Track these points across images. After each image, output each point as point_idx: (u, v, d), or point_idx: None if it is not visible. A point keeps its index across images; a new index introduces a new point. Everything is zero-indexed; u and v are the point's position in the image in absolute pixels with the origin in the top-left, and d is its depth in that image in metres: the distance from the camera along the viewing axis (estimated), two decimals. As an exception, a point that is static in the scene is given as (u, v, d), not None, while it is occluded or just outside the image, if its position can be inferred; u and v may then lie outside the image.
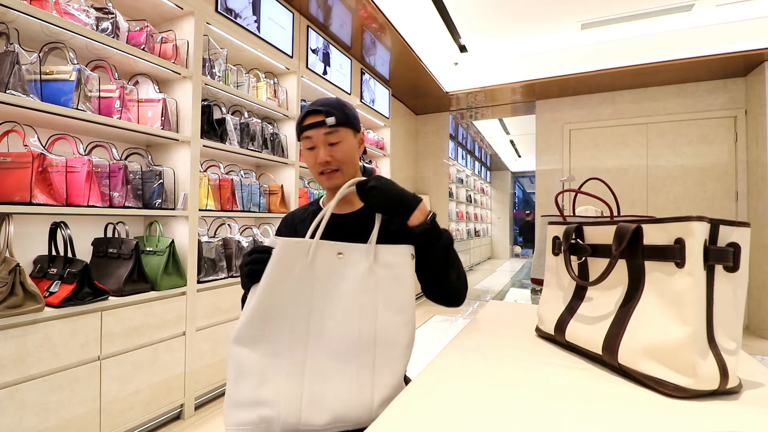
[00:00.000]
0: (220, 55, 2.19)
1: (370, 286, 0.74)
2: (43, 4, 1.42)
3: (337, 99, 0.95)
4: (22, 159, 1.35)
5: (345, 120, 0.92)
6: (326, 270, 0.73)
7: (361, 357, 0.71)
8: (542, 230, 1.09)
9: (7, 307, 1.24)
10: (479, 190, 9.63)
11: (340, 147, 0.92)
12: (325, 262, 0.73)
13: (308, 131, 0.91)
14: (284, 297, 0.71)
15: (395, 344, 0.73)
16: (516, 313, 1.02)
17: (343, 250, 0.75)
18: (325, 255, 0.73)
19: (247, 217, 2.54)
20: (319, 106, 0.90)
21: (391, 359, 0.73)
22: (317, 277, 0.72)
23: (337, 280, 0.74)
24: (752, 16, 3.24)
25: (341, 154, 0.92)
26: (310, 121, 0.90)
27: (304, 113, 0.92)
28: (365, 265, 0.75)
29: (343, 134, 0.92)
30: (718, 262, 0.52)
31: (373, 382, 0.71)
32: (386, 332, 0.73)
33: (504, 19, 3.40)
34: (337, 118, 0.90)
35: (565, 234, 0.72)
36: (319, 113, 0.90)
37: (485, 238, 10.07)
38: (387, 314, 0.74)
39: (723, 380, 0.51)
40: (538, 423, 0.46)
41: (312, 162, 0.93)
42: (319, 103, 0.91)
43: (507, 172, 11.58)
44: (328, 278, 0.73)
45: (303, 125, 0.92)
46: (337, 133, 0.91)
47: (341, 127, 0.91)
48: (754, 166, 3.59)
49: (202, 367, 1.95)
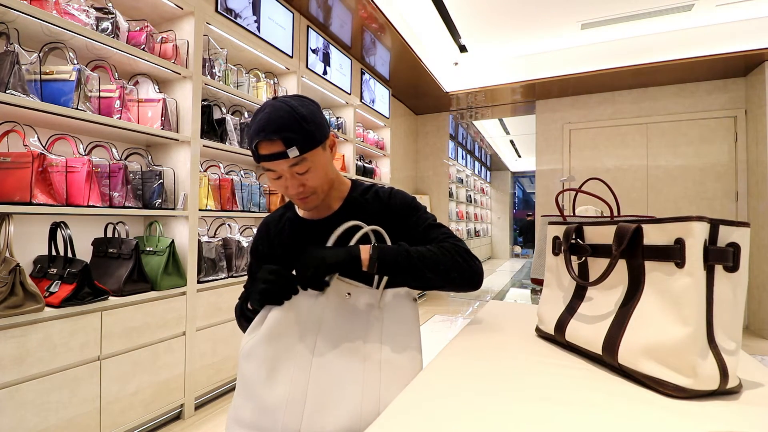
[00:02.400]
0: (220, 55, 2.19)
1: (376, 323, 0.76)
2: (43, 4, 1.42)
3: (291, 113, 0.74)
4: (22, 159, 1.35)
5: (309, 141, 0.75)
6: (334, 306, 0.75)
7: (366, 378, 0.71)
8: (542, 230, 1.09)
9: (7, 307, 1.24)
10: (479, 190, 9.63)
11: (311, 172, 0.78)
12: (334, 299, 0.75)
13: (268, 163, 0.75)
14: (292, 327, 0.73)
15: (401, 378, 0.72)
16: (516, 313, 1.02)
17: (351, 291, 0.76)
18: (334, 292, 0.75)
19: (247, 217, 2.54)
20: (273, 134, 0.72)
21: (397, 380, 0.72)
22: (325, 312, 0.74)
23: (344, 316, 0.75)
24: (752, 16, 3.24)
25: (314, 181, 0.79)
26: (266, 152, 0.74)
27: (256, 140, 0.74)
28: (372, 306, 0.76)
29: (310, 159, 0.77)
30: (718, 262, 0.52)
31: (379, 397, 0.70)
32: (391, 366, 0.74)
33: (504, 19, 3.40)
34: (299, 146, 0.73)
35: (565, 234, 0.72)
36: (274, 142, 0.73)
37: (485, 238, 10.07)
38: (392, 351, 0.75)
39: (723, 380, 0.51)
40: (538, 423, 0.46)
41: (281, 190, 0.81)
42: (271, 127, 0.72)
43: (507, 172, 11.58)
44: (336, 314, 0.75)
45: (261, 154, 0.75)
46: (304, 162, 0.76)
47: (307, 153, 0.76)
48: (754, 166, 3.59)
49: (202, 367, 1.95)
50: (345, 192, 0.92)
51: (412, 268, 0.75)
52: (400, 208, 0.89)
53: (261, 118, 0.75)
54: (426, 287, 0.79)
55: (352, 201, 0.90)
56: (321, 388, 0.69)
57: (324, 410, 0.68)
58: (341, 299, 0.75)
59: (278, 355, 0.71)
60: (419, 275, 0.76)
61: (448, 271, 0.77)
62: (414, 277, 0.76)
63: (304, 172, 0.78)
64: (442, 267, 0.77)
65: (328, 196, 0.88)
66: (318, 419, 0.67)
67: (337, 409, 0.68)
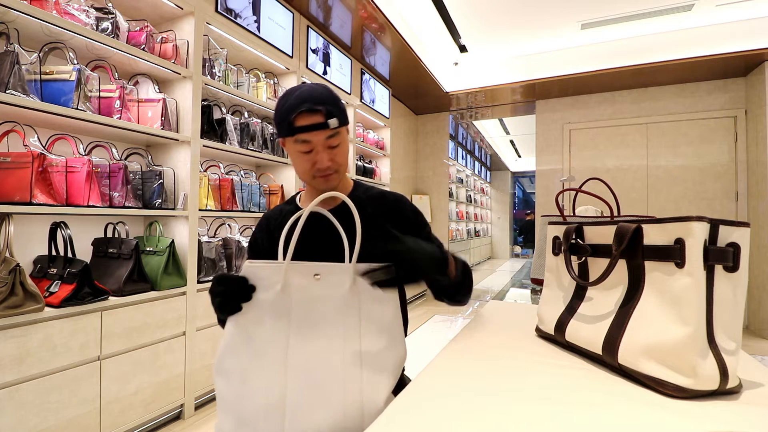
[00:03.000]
0: (220, 55, 2.19)
1: (353, 307, 0.67)
2: (43, 4, 1.42)
3: (330, 91, 0.81)
4: (22, 159, 1.35)
5: (343, 117, 0.81)
6: (303, 294, 0.66)
7: (347, 374, 0.65)
8: (542, 230, 1.09)
9: (7, 307, 1.24)
10: (479, 190, 9.63)
11: (340, 149, 0.83)
12: (300, 285, 0.66)
13: (305, 134, 0.78)
14: (258, 328, 0.65)
15: (383, 369, 0.67)
16: (516, 313, 1.02)
17: (319, 271, 0.66)
18: (300, 278, 0.66)
19: (247, 217, 2.54)
20: (317, 105, 0.76)
21: (379, 384, 0.66)
22: (293, 303, 0.66)
23: (315, 304, 0.67)
24: (752, 16, 3.24)
25: (341, 156, 0.84)
26: (308, 123, 0.77)
27: (296, 111, 0.76)
28: (345, 285, 0.67)
29: (342, 135, 0.83)
30: (718, 262, 0.52)
31: (362, 411, 0.64)
32: (372, 356, 0.67)
33: (504, 20, 3.40)
34: (339, 119, 0.79)
35: (566, 234, 0.72)
36: (317, 113, 0.77)
37: (485, 238, 10.07)
38: (372, 337, 0.68)
39: (723, 380, 0.51)
40: (538, 423, 0.46)
41: (307, 166, 0.82)
42: (314, 99, 0.77)
43: (507, 172, 11.58)
44: (306, 303, 0.66)
45: (297, 125, 0.77)
46: (338, 135, 0.81)
47: (342, 127, 0.81)
48: (754, 166, 3.59)
49: (202, 367, 1.95)
50: (348, 189, 0.94)
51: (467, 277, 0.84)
52: (413, 216, 0.93)
53: (301, 92, 0.79)
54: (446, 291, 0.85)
55: (355, 198, 0.89)
56: (300, 392, 0.64)
57: (305, 413, 0.63)
58: (309, 284, 0.66)
59: (248, 364, 0.65)
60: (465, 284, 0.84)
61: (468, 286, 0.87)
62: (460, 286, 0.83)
63: (336, 146, 0.82)
64: (467, 282, 0.86)
65: (336, 188, 0.90)
66: (299, 424, 0.63)
67: (318, 411, 0.63)
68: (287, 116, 0.78)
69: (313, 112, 0.77)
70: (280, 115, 0.81)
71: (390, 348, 0.69)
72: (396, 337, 0.70)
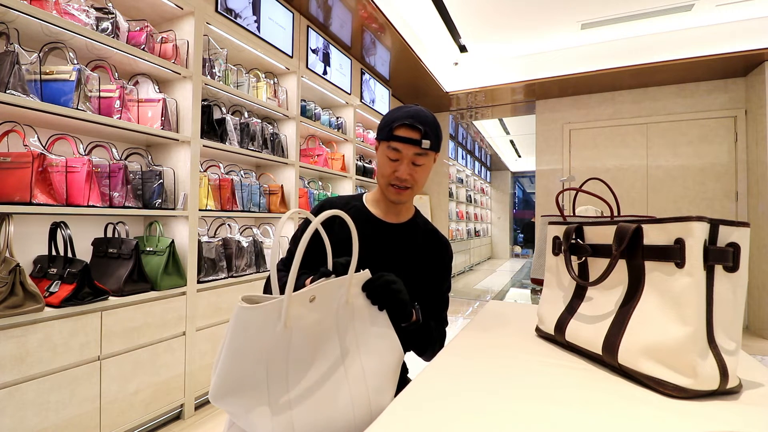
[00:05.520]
0: (220, 55, 2.19)
1: (347, 318, 0.67)
2: (43, 4, 1.42)
3: (434, 119, 0.92)
4: (22, 159, 1.35)
5: (436, 145, 0.91)
6: (300, 322, 0.62)
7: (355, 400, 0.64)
8: (542, 230, 1.09)
9: (7, 307, 1.24)
10: (479, 190, 9.63)
11: (422, 169, 0.92)
12: (298, 315, 0.61)
13: (399, 144, 0.88)
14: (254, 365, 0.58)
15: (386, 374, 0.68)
16: (516, 313, 1.02)
17: (315, 294, 0.63)
18: (297, 308, 0.61)
19: (247, 217, 2.54)
20: (418, 124, 0.87)
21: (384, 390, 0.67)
22: (292, 333, 0.61)
23: (312, 329, 0.63)
24: (752, 16, 3.25)
25: (421, 176, 0.92)
26: (404, 135, 0.88)
27: (401, 122, 0.88)
28: (341, 299, 0.67)
29: (429, 158, 0.92)
30: (718, 263, 0.52)
31: (369, 403, 0.65)
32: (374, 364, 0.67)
33: (504, 19, 3.40)
34: (431, 143, 0.89)
35: (566, 234, 0.72)
36: (416, 130, 0.87)
37: (485, 238, 10.07)
38: (370, 346, 0.68)
39: (723, 380, 0.51)
40: (537, 423, 0.46)
41: (388, 172, 0.91)
42: (418, 118, 0.88)
43: (507, 172, 11.58)
44: (304, 330, 0.62)
45: (395, 134, 0.88)
46: (426, 156, 0.91)
47: (431, 152, 0.91)
48: (754, 166, 3.59)
49: (202, 367, 1.95)
50: (411, 213, 1.04)
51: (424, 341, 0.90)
52: (445, 259, 1.03)
53: (410, 109, 0.90)
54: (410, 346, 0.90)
55: (415, 224, 1.02)
56: (306, 417, 0.60)
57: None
58: (305, 310, 0.62)
59: (249, 400, 0.58)
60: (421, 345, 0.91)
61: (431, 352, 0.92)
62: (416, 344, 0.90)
63: (420, 165, 0.91)
64: (429, 349, 0.92)
65: (402, 205, 0.99)
66: None
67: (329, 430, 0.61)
68: (391, 123, 0.89)
69: (413, 128, 0.87)
70: (385, 121, 0.92)
71: (387, 350, 0.70)
72: (391, 337, 0.72)
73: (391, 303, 0.73)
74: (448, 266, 1.04)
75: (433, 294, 0.99)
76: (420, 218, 1.05)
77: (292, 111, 2.68)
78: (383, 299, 0.72)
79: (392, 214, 0.99)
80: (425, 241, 1.01)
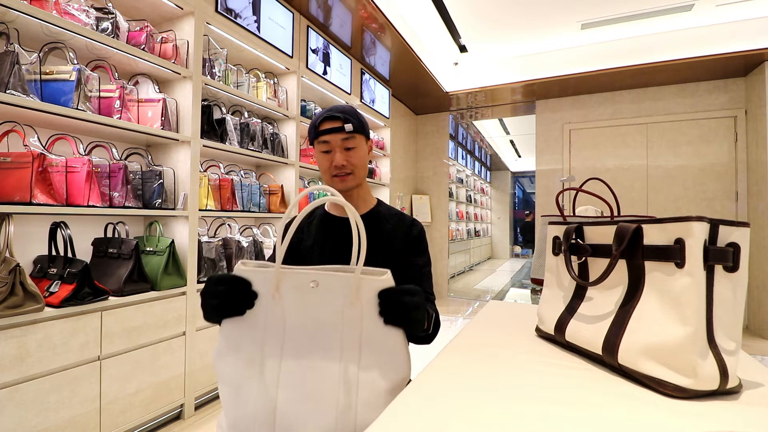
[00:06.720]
0: (220, 55, 2.19)
1: (353, 320, 0.64)
2: (43, 4, 1.42)
3: (351, 107, 0.99)
4: (22, 159, 1.35)
5: (360, 127, 0.98)
6: (297, 303, 0.63)
7: (340, 403, 0.63)
8: (542, 230, 1.09)
9: (7, 307, 1.24)
10: (479, 190, 9.63)
11: (355, 152, 0.97)
12: (295, 293, 0.63)
13: (326, 136, 0.95)
14: (249, 336, 0.63)
15: (380, 390, 0.64)
16: (516, 313, 1.02)
17: (317, 279, 0.63)
18: (295, 285, 0.63)
19: (247, 217, 2.54)
20: (337, 113, 0.95)
21: (374, 407, 0.63)
22: (286, 312, 0.63)
23: (311, 314, 0.63)
24: (752, 16, 3.24)
25: (356, 159, 0.98)
26: (328, 126, 0.95)
27: (321, 118, 0.96)
28: (346, 296, 0.63)
29: (358, 140, 0.98)
30: (717, 262, 0.52)
31: (355, 426, 0.63)
32: (370, 375, 0.64)
33: (504, 19, 3.40)
34: (354, 125, 0.95)
35: (566, 234, 0.72)
36: (337, 119, 0.95)
37: (485, 238, 10.07)
38: (372, 355, 0.64)
39: (723, 380, 0.51)
40: (538, 423, 0.46)
41: (327, 165, 0.97)
42: (336, 109, 0.96)
43: (507, 172, 11.58)
44: (301, 313, 0.63)
45: (320, 129, 0.96)
46: (354, 139, 0.96)
47: (357, 134, 0.97)
48: (754, 166, 3.59)
49: (202, 367, 1.95)
50: (372, 204, 1.07)
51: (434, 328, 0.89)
52: (414, 234, 1.03)
53: (328, 108, 0.99)
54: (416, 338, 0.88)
55: (377, 213, 1.04)
56: (291, 404, 0.62)
57: (296, 426, 0.62)
58: (305, 292, 0.63)
59: (240, 371, 0.63)
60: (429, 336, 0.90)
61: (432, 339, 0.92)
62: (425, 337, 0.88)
63: (352, 148, 0.96)
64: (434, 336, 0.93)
65: (358, 197, 1.03)
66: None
67: (310, 425, 0.62)
68: (315, 123, 0.97)
69: (334, 118, 0.95)
70: (310, 125, 0.99)
71: (390, 368, 0.65)
72: (399, 356, 0.66)
73: (404, 323, 0.67)
74: (419, 241, 1.03)
75: (413, 273, 0.99)
76: (383, 207, 1.08)
77: (292, 111, 2.68)
78: (396, 318, 0.66)
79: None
80: (393, 226, 1.02)
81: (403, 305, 0.65)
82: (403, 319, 0.66)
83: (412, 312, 0.65)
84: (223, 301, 0.64)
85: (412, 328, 0.68)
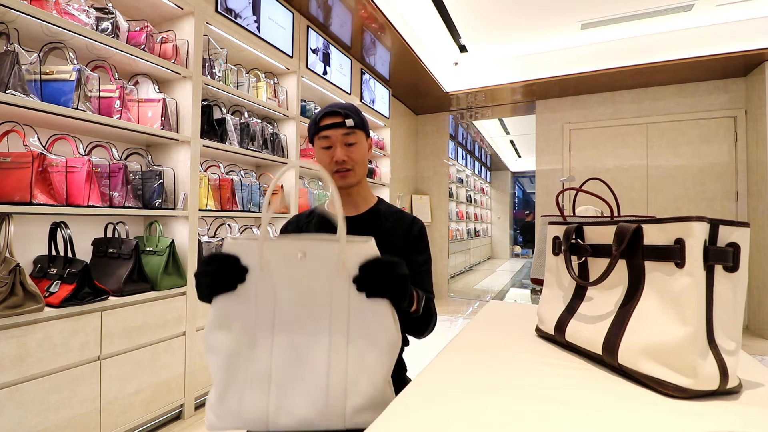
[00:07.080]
0: (220, 55, 2.19)
1: (341, 285, 0.65)
2: (43, 4, 1.42)
3: (352, 104, 1.00)
4: (22, 159, 1.35)
5: (361, 124, 0.98)
6: (286, 273, 0.64)
7: (332, 366, 0.64)
8: (542, 230, 1.09)
9: (7, 307, 1.24)
10: (479, 190, 9.63)
11: (355, 148, 0.97)
12: (284, 263, 0.64)
13: (326, 131, 0.96)
14: (242, 307, 0.65)
15: (371, 352, 0.65)
16: (516, 313, 1.02)
17: (305, 249, 0.64)
18: (283, 256, 0.64)
19: (247, 217, 2.54)
20: (337, 108, 0.96)
21: (367, 368, 0.65)
22: (276, 282, 0.65)
23: (300, 283, 0.65)
24: (752, 16, 3.24)
25: (356, 155, 0.97)
26: (328, 122, 0.95)
27: (321, 114, 0.97)
28: (332, 265, 0.64)
29: (358, 136, 0.98)
30: (717, 262, 0.52)
31: (345, 392, 0.64)
32: (361, 340, 0.65)
33: (504, 19, 3.40)
34: (354, 121, 0.96)
35: (566, 234, 0.72)
36: (337, 114, 0.95)
37: (485, 238, 10.07)
38: (361, 318, 0.65)
39: (723, 380, 0.51)
40: (538, 423, 0.46)
41: (327, 161, 0.97)
42: (336, 105, 0.97)
43: (507, 172, 11.58)
44: (291, 283, 0.65)
45: (321, 125, 0.96)
46: (354, 135, 0.97)
47: (357, 130, 0.97)
48: (754, 166, 3.59)
49: (202, 367, 1.95)
50: (372, 202, 1.06)
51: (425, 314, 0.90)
52: (414, 232, 1.03)
53: (328, 105, 0.99)
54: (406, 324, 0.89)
55: (377, 211, 1.05)
56: (285, 368, 0.64)
57: (290, 387, 0.64)
58: (293, 262, 0.64)
59: (234, 341, 0.65)
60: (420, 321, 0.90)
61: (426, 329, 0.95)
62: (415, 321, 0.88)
63: (353, 144, 0.96)
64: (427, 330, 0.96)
65: (358, 195, 1.03)
66: (285, 397, 0.64)
67: (302, 386, 0.64)
68: (315, 120, 0.97)
69: (334, 114, 0.95)
70: (310, 122, 0.99)
71: (380, 333, 0.65)
72: (386, 319, 0.66)
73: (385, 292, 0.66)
74: (420, 239, 1.04)
75: (413, 270, 0.97)
76: (383, 205, 1.08)
77: (292, 111, 2.68)
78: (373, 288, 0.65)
79: (350, 207, 1.02)
80: (392, 224, 1.03)
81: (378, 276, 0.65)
82: (380, 288, 0.65)
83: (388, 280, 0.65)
84: (215, 278, 0.65)
85: (394, 299, 0.67)
